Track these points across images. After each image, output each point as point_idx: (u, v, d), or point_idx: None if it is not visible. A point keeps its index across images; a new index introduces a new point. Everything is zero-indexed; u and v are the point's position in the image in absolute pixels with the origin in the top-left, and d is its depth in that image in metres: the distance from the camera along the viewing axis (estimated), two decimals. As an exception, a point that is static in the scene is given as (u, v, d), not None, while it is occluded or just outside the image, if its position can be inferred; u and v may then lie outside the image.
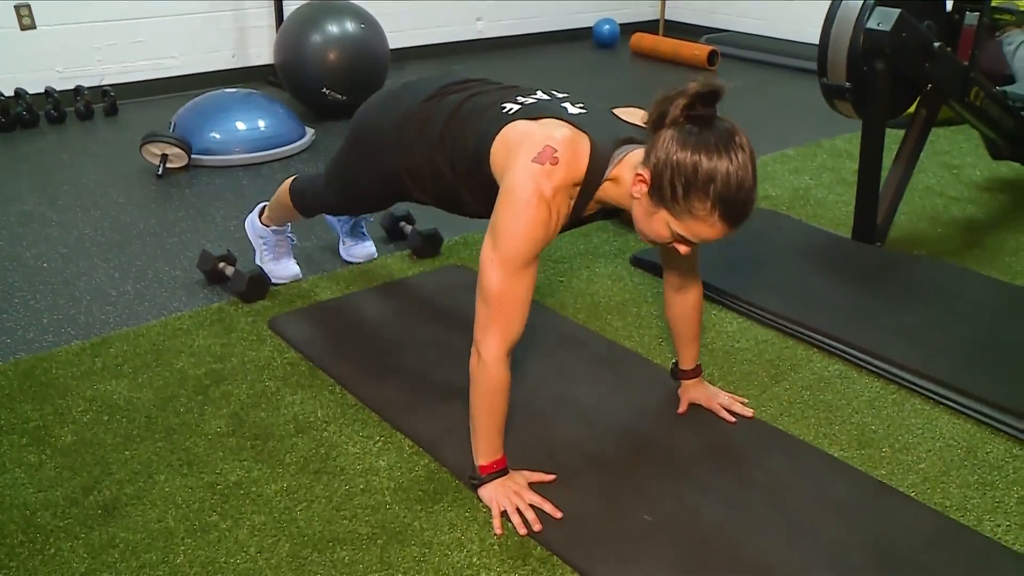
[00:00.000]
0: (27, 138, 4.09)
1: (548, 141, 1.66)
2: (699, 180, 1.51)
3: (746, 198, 1.54)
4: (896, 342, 2.37)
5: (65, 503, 1.78)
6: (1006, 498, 1.86)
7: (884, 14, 2.62)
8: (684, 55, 5.78)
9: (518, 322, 1.69)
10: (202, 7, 4.83)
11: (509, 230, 1.64)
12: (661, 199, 1.57)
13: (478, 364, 1.70)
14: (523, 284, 1.67)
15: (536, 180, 1.63)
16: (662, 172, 1.55)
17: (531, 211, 1.62)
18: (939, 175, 3.80)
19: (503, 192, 1.68)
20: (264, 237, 2.67)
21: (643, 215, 1.64)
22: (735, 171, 1.51)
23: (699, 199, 1.53)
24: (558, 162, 1.64)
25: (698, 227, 1.56)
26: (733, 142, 1.53)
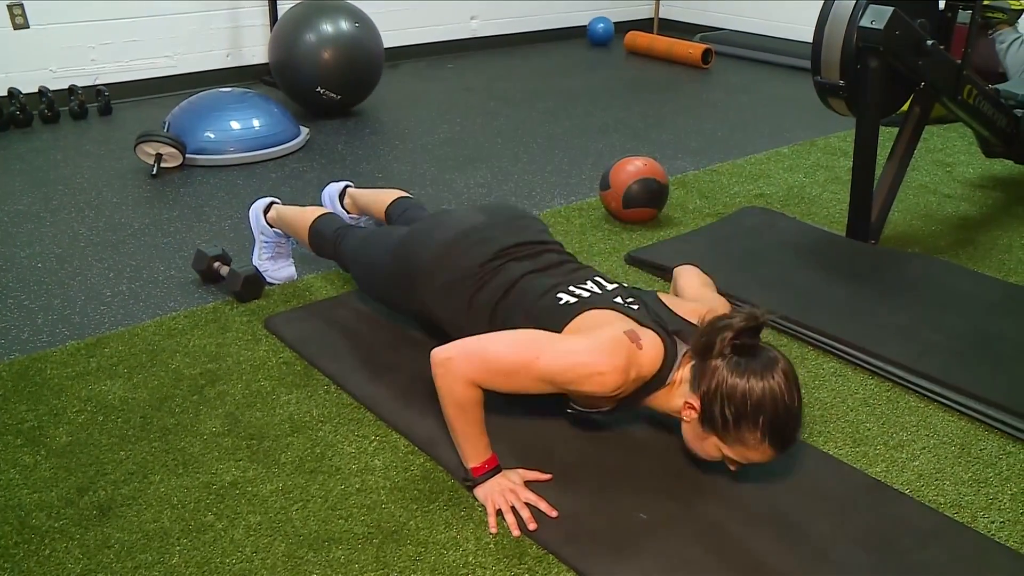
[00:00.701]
0: (21, 138, 4.08)
1: (632, 326, 1.71)
2: (748, 411, 1.61)
3: (794, 425, 1.65)
4: (890, 339, 2.37)
5: (60, 504, 1.78)
6: (1000, 495, 1.86)
7: (877, 12, 2.62)
8: (678, 53, 5.79)
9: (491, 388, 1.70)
10: (196, 6, 4.82)
11: (571, 357, 1.66)
12: (712, 428, 1.66)
13: (447, 376, 1.69)
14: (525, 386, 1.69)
15: (625, 355, 1.66)
16: (712, 402, 1.64)
17: (604, 371, 1.64)
18: (933, 173, 3.81)
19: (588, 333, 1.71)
20: (266, 236, 2.66)
21: (694, 437, 1.73)
22: (781, 401, 1.61)
23: (749, 429, 1.62)
24: (643, 348, 1.69)
25: (748, 453, 1.67)
26: (777, 371, 1.63)
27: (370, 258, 2.25)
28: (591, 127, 4.42)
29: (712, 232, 3.11)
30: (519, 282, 1.92)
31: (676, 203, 3.40)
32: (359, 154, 3.94)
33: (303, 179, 3.62)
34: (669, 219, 3.26)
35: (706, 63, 5.69)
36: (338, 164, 3.80)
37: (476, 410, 1.72)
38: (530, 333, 1.73)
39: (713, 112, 4.75)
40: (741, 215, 3.27)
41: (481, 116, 4.60)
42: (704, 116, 4.66)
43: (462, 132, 4.32)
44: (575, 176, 3.72)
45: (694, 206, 3.40)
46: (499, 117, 4.58)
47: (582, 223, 3.21)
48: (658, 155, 3.84)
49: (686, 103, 4.93)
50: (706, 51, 5.68)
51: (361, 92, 4.47)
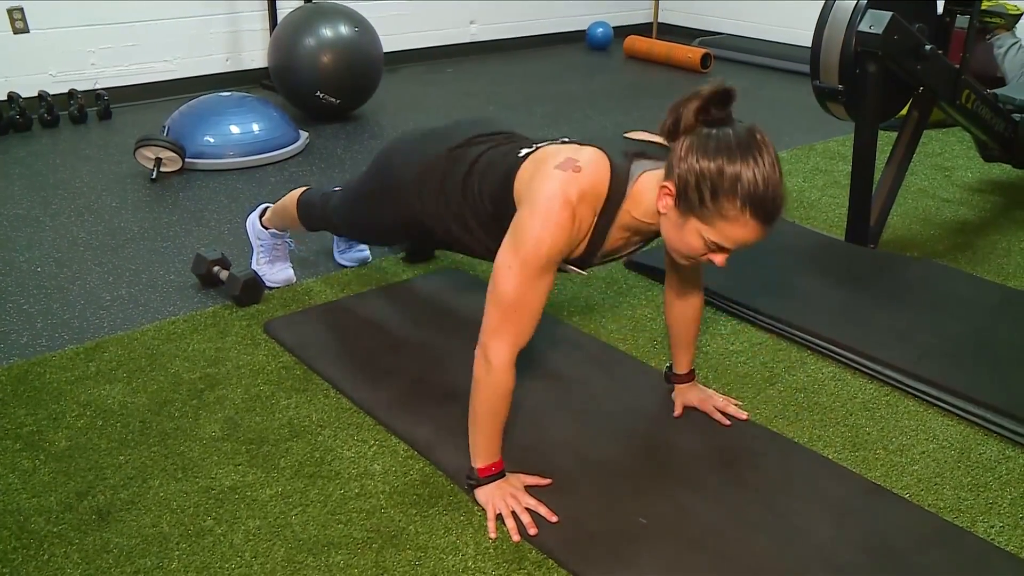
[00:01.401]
0: (20, 142, 4.08)
1: (570, 154, 1.67)
2: (725, 181, 1.51)
3: (775, 193, 1.53)
4: (889, 343, 2.38)
5: (59, 508, 1.78)
6: (999, 499, 1.86)
7: (876, 17, 2.63)
8: (677, 58, 5.79)
9: (529, 329, 1.68)
10: (196, 11, 4.83)
11: (530, 234, 1.62)
12: (689, 208, 1.56)
13: (485, 368, 1.68)
14: (539, 291, 1.66)
15: (560, 183, 1.62)
16: (686, 180, 1.54)
17: (554, 214, 1.60)
18: (931, 177, 3.82)
19: (526, 198, 1.67)
20: (262, 239, 2.67)
21: (673, 229, 1.62)
22: (760, 167, 1.51)
23: (728, 200, 1.51)
24: (580, 170, 1.63)
25: (731, 229, 1.55)
26: (753, 139, 1.53)
27: (354, 194, 2.26)
28: (590, 131, 4.42)
29: (711, 236, 3.11)
30: (484, 155, 1.91)
31: (675, 207, 3.39)
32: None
33: (302, 183, 3.60)
34: (668, 223, 3.26)
35: (705, 67, 5.70)
36: (337, 168, 3.81)
37: (506, 403, 1.72)
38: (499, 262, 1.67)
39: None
40: (740, 219, 3.26)
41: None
42: (703, 120, 4.65)
43: (461, 136, 4.31)
44: (574, 180, 3.72)
45: (693, 210, 3.39)
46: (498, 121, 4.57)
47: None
48: (657, 159, 3.83)
49: (685, 107, 4.92)
50: (705, 55, 5.69)
51: (360, 96, 4.47)
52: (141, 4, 4.63)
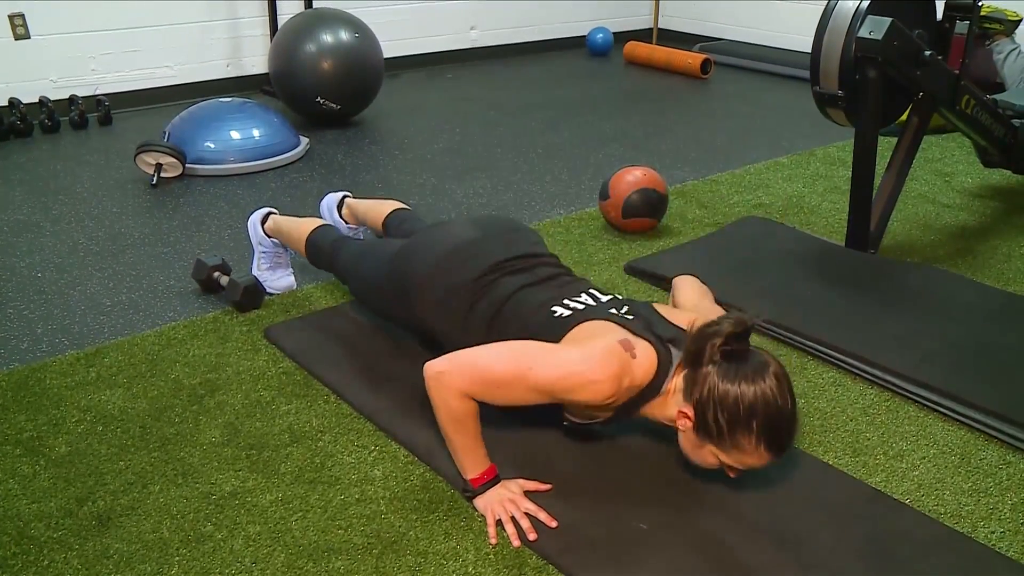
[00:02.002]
0: (21, 147, 4.08)
1: (626, 335, 1.72)
2: (742, 417, 1.60)
3: (789, 427, 1.63)
4: (890, 349, 2.37)
5: (59, 514, 1.78)
6: (1000, 505, 1.86)
7: (876, 22, 2.63)
8: (677, 64, 5.80)
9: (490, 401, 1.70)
10: (196, 16, 4.84)
11: (564, 367, 1.66)
12: (708, 435, 1.65)
13: (436, 389, 1.69)
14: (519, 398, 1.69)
15: (618, 364, 1.66)
16: (705, 410, 1.63)
17: (597, 378, 1.64)
18: (931, 182, 3.82)
19: (580, 344, 1.71)
20: (264, 246, 2.67)
21: (691, 446, 1.73)
22: (774, 404, 1.60)
23: (744, 435, 1.61)
24: (636, 357, 1.69)
25: (745, 458, 1.65)
26: (769, 374, 1.62)
27: (366, 271, 2.26)
28: (590, 137, 4.43)
29: (711, 242, 3.12)
30: (513, 296, 1.92)
31: (675, 213, 3.40)
32: (359, 164, 3.94)
33: (303, 189, 3.62)
34: (668, 229, 3.27)
35: (705, 73, 5.71)
36: (338, 174, 3.81)
37: (471, 422, 1.72)
38: (522, 344, 1.73)
39: (712, 122, 4.76)
40: (740, 225, 3.27)
41: (481, 126, 4.61)
42: (703, 126, 4.67)
43: (462, 142, 4.33)
44: (574, 186, 3.73)
45: (693, 216, 3.40)
46: (499, 127, 4.58)
47: (581, 233, 3.21)
48: (657, 165, 3.84)
49: (685, 113, 4.94)
50: (705, 61, 5.69)
51: (361, 102, 4.48)
52: (142, 10, 4.64)
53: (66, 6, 4.40)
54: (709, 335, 1.65)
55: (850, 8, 2.73)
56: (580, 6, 6.50)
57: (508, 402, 1.71)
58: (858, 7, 2.71)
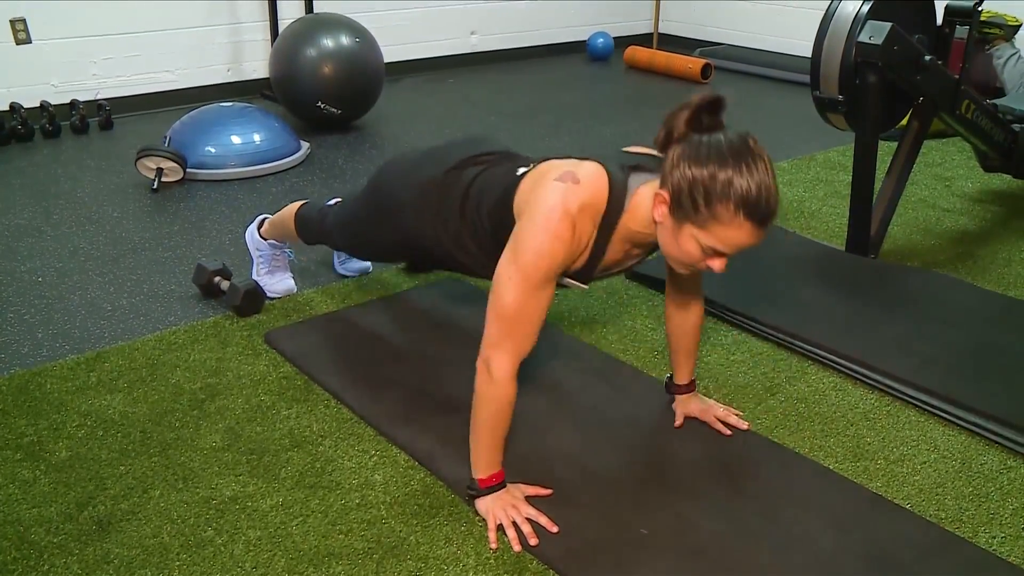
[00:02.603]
0: (22, 152, 4.08)
1: (569, 168, 1.69)
2: (718, 186, 1.52)
3: (769, 195, 1.53)
4: (890, 353, 2.37)
5: (59, 519, 1.78)
6: (1001, 510, 1.86)
7: (876, 27, 2.64)
8: (678, 68, 5.81)
9: (530, 340, 1.69)
10: (197, 21, 4.84)
11: (530, 245, 1.63)
12: (684, 215, 1.57)
13: (487, 380, 1.69)
14: (540, 302, 1.66)
15: (560, 195, 1.63)
16: (680, 187, 1.55)
17: (553, 225, 1.61)
18: (932, 187, 3.82)
19: (526, 211, 1.68)
20: (261, 250, 2.68)
21: (669, 237, 1.63)
22: (752, 170, 1.52)
23: (722, 203, 1.52)
24: (580, 182, 1.65)
25: (726, 233, 1.55)
26: (745, 144, 1.54)
27: (348, 211, 2.28)
28: (591, 142, 4.43)
29: (712, 246, 3.11)
30: (479, 176, 1.92)
31: (676, 217, 3.40)
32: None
33: (303, 193, 3.63)
34: (669, 233, 3.26)
35: (705, 78, 5.71)
36: (338, 178, 3.81)
37: (508, 415, 1.72)
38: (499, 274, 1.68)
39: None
40: (741, 229, 3.27)
41: (481, 130, 4.61)
42: (703, 130, 4.66)
43: (462, 146, 4.32)
44: (575, 190, 3.72)
45: (694, 220, 3.40)
46: (499, 132, 4.59)
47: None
48: (658, 169, 3.84)
49: (685, 117, 4.93)
50: (705, 66, 5.70)
51: (362, 107, 4.48)
52: (143, 15, 4.65)
53: (67, 11, 4.41)
54: (677, 111, 1.59)
55: (850, 13, 2.73)
56: (581, 10, 6.50)
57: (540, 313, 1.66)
58: (858, 12, 2.71)
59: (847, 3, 2.75)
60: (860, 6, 2.71)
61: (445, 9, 5.81)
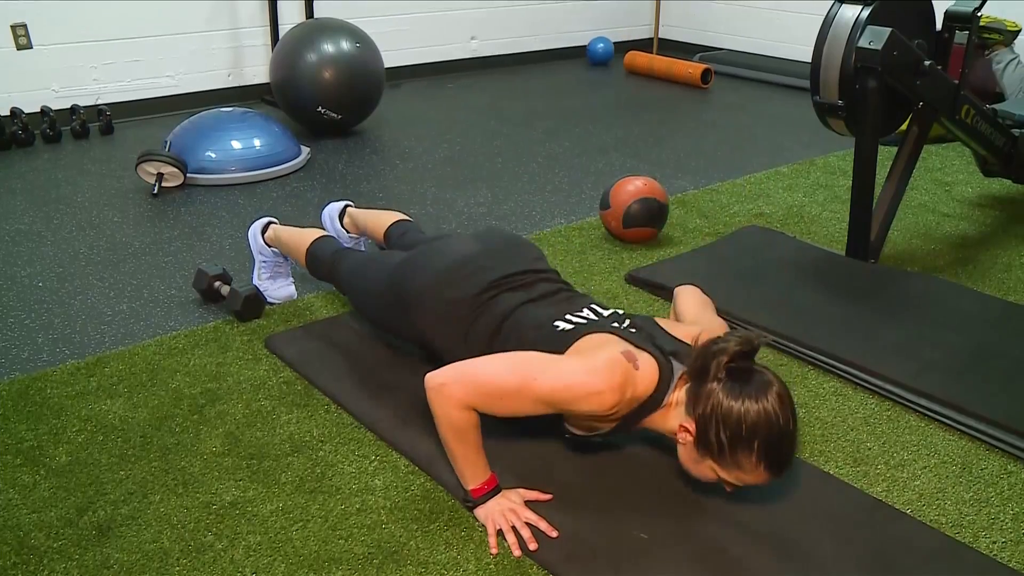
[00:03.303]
0: (22, 157, 4.09)
1: (628, 348, 1.73)
2: (743, 436, 1.60)
3: (790, 448, 1.64)
4: (890, 358, 2.37)
5: (59, 524, 1.78)
6: (1001, 515, 1.86)
7: (875, 33, 2.64)
8: (678, 73, 5.82)
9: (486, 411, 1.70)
10: (198, 26, 4.85)
11: (568, 373, 1.67)
12: (708, 451, 1.66)
13: (437, 401, 1.70)
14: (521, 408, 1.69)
15: (621, 373, 1.67)
16: (707, 426, 1.63)
17: (600, 385, 1.65)
18: (932, 192, 3.83)
19: (583, 355, 1.72)
20: (264, 255, 2.67)
21: (690, 460, 1.73)
22: (776, 424, 1.60)
23: (744, 454, 1.62)
24: (639, 369, 1.70)
25: (744, 476, 1.66)
26: (772, 394, 1.61)
27: (366, 284, 2.26)
28: (591, 147, 4.44)
29: (712, 251, 3.12)
30: (514, 313, 1.93)
31: (676, 222, 3.41)
32: (359, 173, 3.95)
33: (304, 198, 3.63)
34: (669, 238, 3.27)
35: (705, 83, 5.72)
36: (339, 183, 3.82)
37: (473, 433, 1.72)
38: (524, 355, 1.74)
39: (713, 131, 4.77)
40: (741, 234, 3.27)
41: (481, 136, 4.62)
42: (704, 135, 4.68)
43: (462, 152, 4.33)
44: (575, 196, 3.74)
45: (694, 225, 3.41)
46: (499, 137, 4.59)
47: (582, 243, 3.21)
48: (658, 175, 3.85)
49: (686, 123, 4.95)
50: (705, 71, 5.71)
51: (362, 112, 4.49)
52: (143, 20, 4.66)
53: (68, 16, 4.42)
54: (715, 352, 1.64)
55: (850, 18, 2.73)
56: (581, 16, 6.52)
57: (510, 413, 1.71)
58: (858, 17, 2.71)
59: (847, 8, 2.76)
60: (860, 11, 2.72)
61: (445, 14, 5.82)
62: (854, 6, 2.74)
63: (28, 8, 4.30)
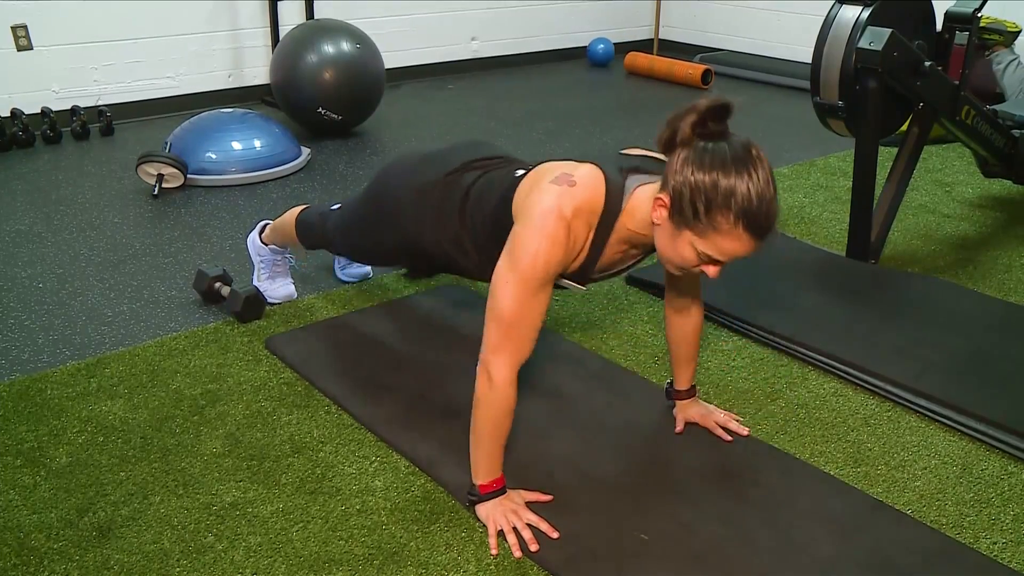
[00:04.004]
0: (23, 158, 4.09)
1: (565, 170, 1.69)
2: (719, 195, 1.51)
3: (769, 208, 1.53)
4: (890, 359, 2.37)
5: (60, 525, 1.78)
6: (1002, 515, 1.86)
7: (875, 34, 2.64)
8: (678, 74, 5.82)
9: (529, 343, 1.69)
10: (198, 27, 4.85)
11: (527, 249, 1.63)
12: (683, 220, 1.56)
13: (487, 385, 1.69)
14: (537, 305, 1.66)
15: (555, 198, 1.64)
16: (681, 192, 1.54)
17: (549, 228, 1.62)
18: (932, 193, 3.83)
19: (522, 213, 1.69)
20: (262, 256, 2.68)
21: (667, 240, 1.62)
22: (754, 182, 1.51)
23: (722, 214, 1.52)
24: (575, 184, 1.65)
25: (724, 243, 1.55)
26: (749, 155, 1.53)
27: (349, 213, 2.28)
28: (591, 148, 4.43)
29: (712, 252, 3.12)
30: (480, 179, 1.94)
31: (676, 223, 3.40)
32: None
33: (304, 199, 3.63)
34: (669, 239, 3.26)
35: (706, 84, 5.72)
36: (339, 184, 3.82)
37: (508, 422, 1.72)
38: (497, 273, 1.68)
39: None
40: (741, 235, 3.27)
41: (482, 136, 4.59)
42: (704, 136, 4.67)
43: (463, 152, 4.33)
44: (575, 196, 3.73)
45: (694, 226, 3.40)
46: (500, 137, 4.59)
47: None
48: (658, 175, 3.84)
49: (686, 123, 4.94)
50: (706, 72, 5.71)
51: (362, 112, 4.49)
52: (143, 21, 4.66)
53: (68, 17, 4.42)
54: (683, 114, 1.57)
55: (850, 19, 2.74)
56: (581, 17, 6.52)
57: (539, 315, 1.67)
58: (858, 18, 2.72)
59: (847, 9, 2.76)
60: (860, 12, 2.72)
61: (446, 15, 5.82)
62: (854, 7, 2.74)
63: (28, 9, 4.30)
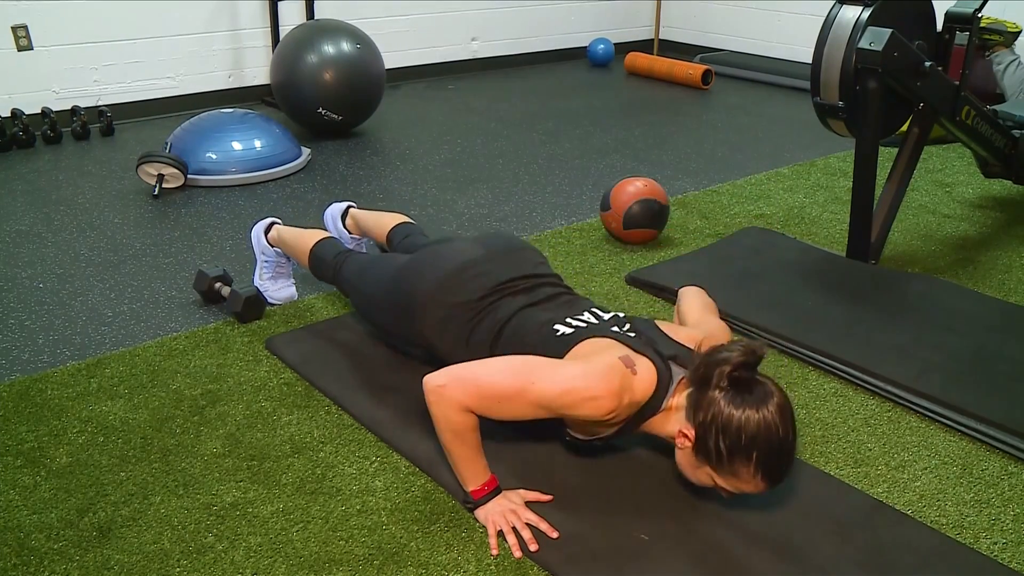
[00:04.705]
0: (23, 158, 4.09)
1: (627, 352, 1.74)
2: (742, 446, 1.61)
3: (787, 460, 1.65)
4: (891, 359, 2.37)
5: (60, 525, 1.78)
6: (1002, 516, 1.86)
7: (876, 34, 2.64)
8: (678, 74, 5.82)
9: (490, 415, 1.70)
10: (199, 28, 4.86)
11: (566, 377, 1.67)
12: (706, 458, 1.66)
13: (436, 402, 1.70)
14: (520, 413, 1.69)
15: (619, 378, 1.68)
16: (707, 434, 1.64)
17: (601, 388, 1.65)
18: (932, 193, 3.83)
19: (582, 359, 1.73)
20: (267, 256, 2.67)
21: (688, 465, 1.74)
22: (775, 436, 1.61)
23: (742, 463, 1.62)
24: (637, 374, 1.71)
25: (741, 485, 1.66)
26: (773, 405, 1.62)
27: (369, 287, 2.26)
28: (591, 148, 4.44)
29: (712, 252, 3.12)
30: (515, 316, 1.94)
31: (676, 224, 3.41)
32: (360, 175, 3.95)
33: (304, 200, 3.63)
34: (669, 240, 3.27)
35: (706, 84, 5.72)
36: (339, 185, 3.82)
37: (472, 435, 1.72)
38: (524, 358, 1.73)
39: (713, 133, 4.77)
40: (741, 235, 3.27)
41: (482, 137, 4.62)
42: (704, 137, 4.68)
43: (463, 153, 4.34)
44: (576, 197, 3.74)
45: (694, 227, 3.41)
46: (500, 138, 4.60)
47: (582, 244, 3.22)
48: (658, 176, 3.85)
49: (686, 124, 4.95)
50: (706, 72, 5.71)
51: (362, 113, 4.49)
52: (144, 21, 4.66)
53: (69, 17, 4.42)
54: (718, 361, 1.64)
55: (850, 19, 2.74)
56: (581, 17, 6.52)
57: (509, 416, 1.71)
58: (858, 18, 2.72)
59: (847, 9, 2.76)
60: (860, 12, 2.72)
61: (446, 15, 5.82)
62: (855, 7, 2.74)
63: (29, 9, 4.30)
